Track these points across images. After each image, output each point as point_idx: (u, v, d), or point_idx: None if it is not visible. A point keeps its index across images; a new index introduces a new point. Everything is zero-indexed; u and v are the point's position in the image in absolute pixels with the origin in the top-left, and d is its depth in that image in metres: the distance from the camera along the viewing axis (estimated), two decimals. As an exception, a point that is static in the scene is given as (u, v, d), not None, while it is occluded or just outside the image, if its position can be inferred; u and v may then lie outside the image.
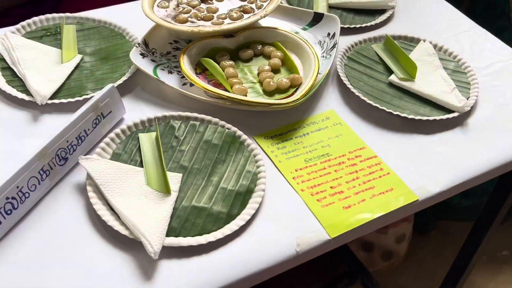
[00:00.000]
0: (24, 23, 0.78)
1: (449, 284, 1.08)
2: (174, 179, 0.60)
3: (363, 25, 0.86)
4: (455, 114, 0.71)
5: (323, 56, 0.79)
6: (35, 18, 0.79)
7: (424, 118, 0.70)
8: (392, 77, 0.76)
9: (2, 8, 0.99)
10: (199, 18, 0.78)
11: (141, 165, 0.61)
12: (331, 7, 0.90)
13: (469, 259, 1.01)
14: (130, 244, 0.54)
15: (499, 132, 0.71)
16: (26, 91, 0.69)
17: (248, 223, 0.57)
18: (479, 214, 0.93)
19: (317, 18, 0.84)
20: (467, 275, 1.05)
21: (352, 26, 0.86)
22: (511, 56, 0.83)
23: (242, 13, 0.79)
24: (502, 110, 0.74)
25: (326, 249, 0.58)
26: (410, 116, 0.70)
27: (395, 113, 0.70)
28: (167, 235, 0.55)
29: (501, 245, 1.58)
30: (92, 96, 0.65)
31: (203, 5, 0.80)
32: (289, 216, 0.59)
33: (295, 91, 0.73)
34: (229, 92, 0.71)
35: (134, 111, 0.69)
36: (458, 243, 1.02)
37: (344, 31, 0.85)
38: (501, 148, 0.69)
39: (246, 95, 0.71)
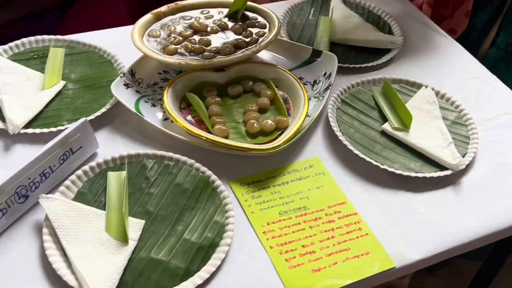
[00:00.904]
0: (12, 44, 0.77)
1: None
2: (136, 226, 0.57)
3: (364, 65, 0.82)
4: (448, 172, 0.66)
5: (315, 97, 0.75)
6: (24, 40, 0.78)
7: (413, 174, 0.65)
8: (386, 126, 0.72)
9: (4, 21, 0.99)
10: (189, 51, 0.75)
11: (104, 207, 0.59)
12: (333, 43, 0.86)
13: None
14: (78, 295, 0.52)
15: (494, 195, 0.66)
16: (2, 118, 0.67)
17: (207, 281, 0.54)
18: (487, 256, 0.87)
19: (316, 55, 0.80)
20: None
21: (351, 66, 0.82)
22: (519, 108, 0.78)
23: (234, 47, 0.76)
24: (501, 170, 0.69)
25: (287, 316, 0.54)
26: (398, 172, 0.66)
27: (382, 167, 0.66)
28: (118, 289, 0.52)
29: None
30: (67, 128, 0.62)
31: (196, 37, 0.78)
32: (253, 276, 0.55)
33: (280, 134, 0.69)
34: (210, 131, 0.68)
35: (109, 146, 0.67)
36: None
37: (343, 70, 0.81)
38: (495, 214, 0.64)
39: (227, 136, 0.68)
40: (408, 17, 0.95)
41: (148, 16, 0.79)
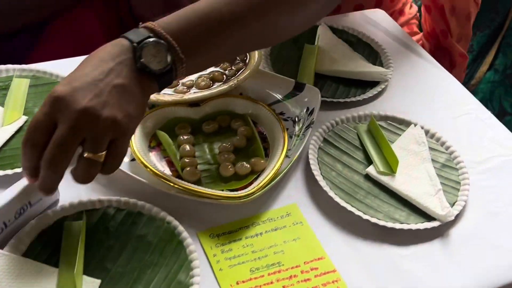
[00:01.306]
0: (-28, 75, 0.72)
1: None
2: (90, 286, 0.52)
3: (350, 99, 0.77)
4: (436, 224, 0.61)
5: (296, 135, 0.70)
6: (-14, 70, 0.73)
7: (398, 226, 0.60)
8: (370, 169, 0.67)
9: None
10: (161, 84, 0.70)
11: (58, 263, 0.54)
12: (318, 74, 0.81)
13: None
14: None
15: (486, 249, 0.61)
16: (-45, 158, 0.62)
17: None
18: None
19: (299, 89, 0.75)
20: None
21: (335, 100, 0.77)
22: (514, 149, 0.73)
23: (210, 81, 0.71)
24: (493, 220, 0.64)
25: None
26: (382, 223, 0.60)
27: (364, 217, 0.61)
28: None
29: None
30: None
31: (169, 68, 0.73)
32: None
33: (256, 178, 0.64)
34: (180, 174, 0.63)
35: (69, 190, 0.61)
36: None
37: (328, 104, 0.76)
38: (487, 270, 0.59)
39: (198, 180, 0.63)
40: (399, 44, 0.91)
41: (119, 46, 0.74)
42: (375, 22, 0.95)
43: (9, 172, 0.61)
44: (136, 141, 0.65)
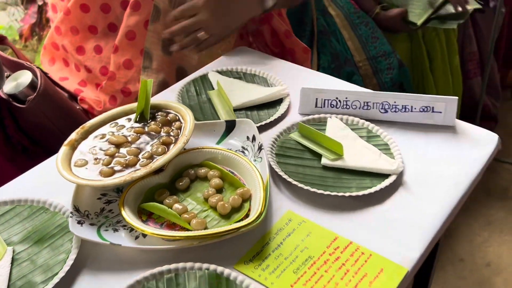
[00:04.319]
0: None
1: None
2: None
3: (271, 119, 0.90)
4: (394, 178, 0.77)
5: (255, 160, 0.80)
6: None
7: (372, 190, 0.74)
8: (324, 161, 0.80)
9: None
10: (124, 165, 0.74)
11: None
12: (236, 110, 0.93)
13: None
14: None
15: (434, 182, 0.77)
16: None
17: None
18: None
19: (230, 126, 0.85)
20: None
21: (264, 122, 0.89)
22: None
23: (164, 146, 0.78)
24: (425, 157, 0.82)
25: None
26: (361, 193, 0.74)
27: (347, 195, 0.73)
28: None
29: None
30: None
31: (122, 150, 0.77)
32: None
33: (250, 204, 0.73)
34: (188, 229, 0.69)
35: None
36: None
37: (258, 130, 0.87)
38: (443, 195, 0.75)
39: (206, 227, 0.69)
40: (275, 66, 1.06)
41: (63, 149, 0.76)
42: (244, 56, 1.10)
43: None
44: (132, 220, 0.68)
